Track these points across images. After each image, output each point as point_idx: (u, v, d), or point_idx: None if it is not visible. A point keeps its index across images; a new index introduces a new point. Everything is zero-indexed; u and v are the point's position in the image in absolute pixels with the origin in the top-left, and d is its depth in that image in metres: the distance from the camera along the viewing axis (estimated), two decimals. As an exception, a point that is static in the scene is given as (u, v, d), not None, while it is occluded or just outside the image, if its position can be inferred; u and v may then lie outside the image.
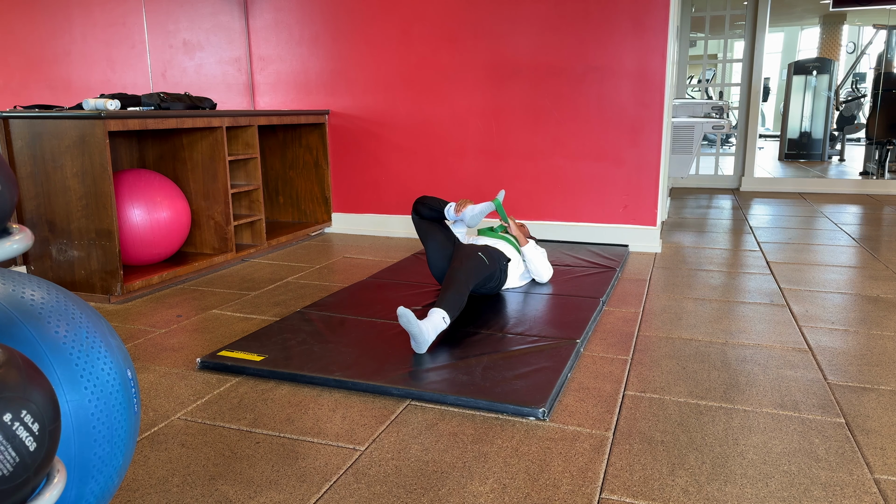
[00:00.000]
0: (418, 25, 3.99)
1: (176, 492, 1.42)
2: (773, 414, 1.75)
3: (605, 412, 1.77)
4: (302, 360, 2.07)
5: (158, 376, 2.05)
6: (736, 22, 7.01)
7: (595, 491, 1.41)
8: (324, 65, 4.25)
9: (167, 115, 3.00)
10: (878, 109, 7.14)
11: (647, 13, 3.53)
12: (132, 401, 1.08)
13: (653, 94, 3.59)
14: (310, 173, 4.39)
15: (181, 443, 1.63)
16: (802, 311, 2.63)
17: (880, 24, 8.31)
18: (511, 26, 3.80)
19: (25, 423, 0.72)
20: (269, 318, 2.60)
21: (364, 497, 1.39)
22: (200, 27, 4.28)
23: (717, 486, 1.42)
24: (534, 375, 1.94)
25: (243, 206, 3.76)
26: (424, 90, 4.05)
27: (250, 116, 3.62)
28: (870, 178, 6.74)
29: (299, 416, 1.76)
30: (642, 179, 3.70)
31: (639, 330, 2.42)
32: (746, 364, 2.09)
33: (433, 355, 2.11)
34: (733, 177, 6.73)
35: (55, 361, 0.97)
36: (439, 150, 4.09)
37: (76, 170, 2.77)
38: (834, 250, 3.75)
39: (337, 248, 3.93)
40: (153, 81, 3.99)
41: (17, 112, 2.81)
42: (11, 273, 1.07)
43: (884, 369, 2.05)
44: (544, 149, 3.86)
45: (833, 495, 1.38)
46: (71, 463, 0.96)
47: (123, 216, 2.97)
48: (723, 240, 4.08)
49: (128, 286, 2.85)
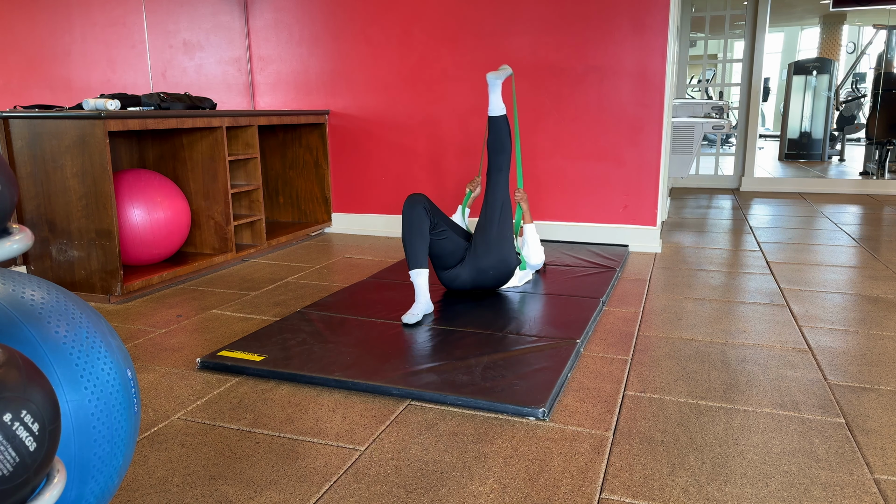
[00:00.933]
0: (418, 25, 3.99)
1: (176, 492, 1.42)
2: (773, 414, 1.75)
3: (605, 412, 1.77)
4: (302, 360, 2.07)
5: (158, 376, 2.05)
6: (736, 22, 7.01)
7: (595, 491, 1.41)
8: (324, 65, 4.25)
9: (167, 115, 3.00)
10: (878, 109, 7.14)
11: (647, 13, 3.53)
12: (132, 401, 1.08)
13: (653, 94, 3.59)
14: (310, 173, 4.39)
15: (181, 443, 1.63)
16: (802, 311, 2.63)
17: (880, 24, 8.31)
18: (511, 26, 3.80)
19: (25, 423, 0.72)
20: (269, 318, 2.60)
21: (364, 497, 1.39)
22: (200, 27, 4.28)
23: (717, 486, 1.42)
24: (534, 375, 1.94)
25: (243, 206, 3.76)
26: (424, 90, 4.05)
27: (250, 116, 3.62)
28: (870, 178, 6.75)
29: (299, 416, 1.76)
30: (642, 179, 3.70)
31: (639, 330, 2.43)
32: (746, 364, 2.09)
33: (433, 355, 2.11)
34: (733, 177, 6.73)
35: (55, 361, 0.97)
36: (439, 150, 4.09)
37: (76, 170, 2.77)
38: (834, 250, 3.75)
39: (337, 248, 3.93)
40: (153, 81, 3.99)
41: (17, 112, 2.81)
42: (11, 273, 1.07)
43: (884, 369, 2.05)
44: (545, 149, 3.86)
45: (833, 495, 1.38)
46: (71, 463, 0.96)
47: (123, 216, 2.97)
48: (723, 240, 4.08)
49: (128, 286, 2.85)
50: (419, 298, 2.51)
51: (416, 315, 2.44)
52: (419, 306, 2.49)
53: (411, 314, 2.44)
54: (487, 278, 2.71)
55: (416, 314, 2.45)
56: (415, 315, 2.44)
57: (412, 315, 2.43)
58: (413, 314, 2.44)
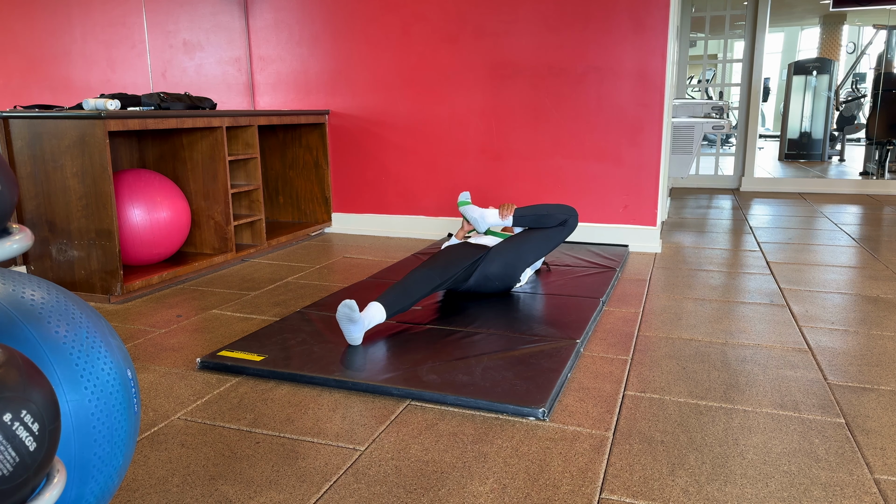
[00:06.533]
0: (418, 25, 3.99)
1: (176, 492, 1.42)
2: (773, 414, 1.75)
3: (605, 412, 1.77)
4: (302, 360, 2.07)
5: (158, 376, 2.05)
6: (736, 22, 7.01)
7: (595, 491, 1.41)
8: (324, 65, 4.25)
9: (167, 115, 3.00)
10: (878, 109, 7.14)
11: (647, 13, 3.53)
12: (132, 401, 1.08)
13: (653, 94, 3.59)
14: (310, 173, 4.39)
15: (181, 443, 1.63)
16: (802, 312, 2.63)
17: (880, 24, 8.31)
18: (511, 26, 3.80)
19: (25, 423, 0.72)
20: (269, 318, 2.60)
21: (364, 497, 1.39)
22: (200, 27, 4.28)
23: (717, 486, 1.42)
24: (534, 375, 1.94)
25: (243, 206, 3.75)
26: (424, 90, 4.05)
27: (250, 116, 3.62)
28: (870, 179, 6.74)
29: (299, 416, 1.76)
30: (642, 179, 3.70)
31: (639, 330, 2.42)
32: (746, 364, 2.09)
33: (433, 355, 2.11)
34: (733, 177, 6.73)
35: (55, 361, 0.97)
36: (439, 150, 4.09)
37: (76, 170, 2.77)
38: (834, 250, 3.75)
39: (337, 248, 3.93)
40: (153, 81, 3.99)
41: (17, 112, 2.81)
42: (11, 273, 1.07)
43: (884, 369, 2.05)
44: (544, 149, 3.86)
45: (833, 495, 1.38)
46: (71, 463, 0.96)
47: (123, 216, 2.97)
48: (723, 240, 4.08)
49: (128, 286, 2.85)
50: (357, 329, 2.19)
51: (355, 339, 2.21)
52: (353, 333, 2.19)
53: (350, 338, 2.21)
54: (491, 286, 2.71)
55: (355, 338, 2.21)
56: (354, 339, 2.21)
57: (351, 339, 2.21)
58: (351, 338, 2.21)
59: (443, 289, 2.50)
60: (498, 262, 2.65)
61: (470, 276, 2.61)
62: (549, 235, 2.73)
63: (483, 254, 2.62)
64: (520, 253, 2.68)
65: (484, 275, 2.65)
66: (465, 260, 2.54)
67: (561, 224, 2.74)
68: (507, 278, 2.69)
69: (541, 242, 2.72)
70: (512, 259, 2.66)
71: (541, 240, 2.72)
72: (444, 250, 2.59)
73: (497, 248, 2.67)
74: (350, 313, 2.14)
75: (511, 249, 2.67)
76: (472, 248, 2.61)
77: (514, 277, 2.72)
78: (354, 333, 2.17)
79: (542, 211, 2.75)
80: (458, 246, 2.63)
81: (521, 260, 2.69)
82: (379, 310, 2.23)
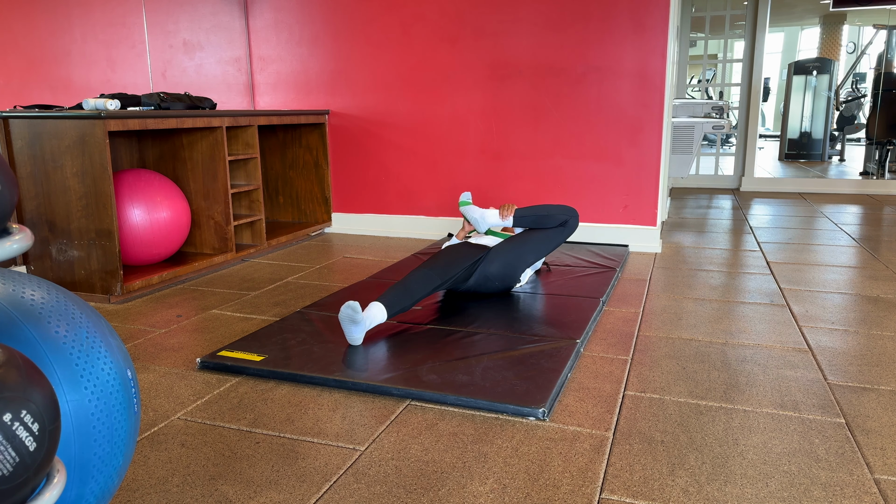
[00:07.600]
0: (418, 25, 3.99)
1: (176, 492, 1.42)
2: (773, 414, 1.75)
3: (605, 412, 1.77)
4: (302, 360, 2.07)
5: (158, 376, 2.05)
6: (736, 22, 7.01)
7: (595, 491, 1.41)
8: (324, 65, 4.25)
9: (167, 115, 3.00)
10: (878, 109, 7.14)
11: (647, 13, 3.53)
12: (132, 401, 1.08)
13: (653, 94, 3.59)
14: (310, 173, 4.39)
15: (181, 443, 1.63)
16: (802, 311, 2.63)
17: (880, 24, 8.31)
18: (511, 26, 3.80)
19: (25, 423, 0.72)
20: (269, 318, 2.60)
21: (364, 497, 1.39)
22: (200, 27, 4.28)
23: (717, 486, 1.42)
24: (534, 375, 1.93)
25: (243, 206, 3.75)
26: (424, 90, 4.05)
27: (250, 116, 3.62)
28: (870, 179, 6.74)
29: (299, 416, 1.76)
30: (642, 179, 3.70)
31: (639, 330, 2.42)
32: (746, 364, 2.09)
33: (433, 355, 2.11)
34: (733, 177, 6.73)
35: (55, 361, 0.97)
36: (439, 150, 4.09)
37: (76, 170, 2.77)
38: (834, 250, 3.75)
39: (337, 248, 3.93)
40: (153, 81, 3.99)
41: (17, 112, 2.81)
42: (11, 273, 1.07)
43: (884, 369, 2.05)
44: (544, 149, 3.86)
45: (833, 495, 1.38)
46: (71, 463, 0.96)
47: (123, 216, 2.97)
48: (723, 240, 4.08)
49: (128, 286, 2.85)
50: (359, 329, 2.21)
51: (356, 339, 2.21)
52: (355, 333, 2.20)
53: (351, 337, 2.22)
54: (492, 286, 2.71)
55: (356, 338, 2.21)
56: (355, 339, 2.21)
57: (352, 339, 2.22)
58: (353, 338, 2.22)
59: (443, 289, 2.50)
60: (498, 263, 2.65)
61: (470, 276, 2.61)
62: (549, 236, 2.73)
63: (483, 254, 2.63)
64: (520, 253, 2.68)
65: (484, 275, 2.65)
66: (466, 260, 2.54)
67: (561, 225, 2.74)
68: (507, 278, 2.69)
69: (541, 243, 2.72)
70: (512, 259, 2.66)
71: (541, 240, 2.72)
72: (445, 250, 2.59)
73: (497, 249, 2.67)
74: (353, 314, 2.14)
75: (511, 250, 2.67)
76: (472, 249, 2.62)
77: (515, 277, 2.72)
78: (356, 334, 2.17)
79: (543, 211, 2.75)
80: (459, 246, 2.63)
81: (522, 260, 2.69)
82: (380, 310, 2.23)
